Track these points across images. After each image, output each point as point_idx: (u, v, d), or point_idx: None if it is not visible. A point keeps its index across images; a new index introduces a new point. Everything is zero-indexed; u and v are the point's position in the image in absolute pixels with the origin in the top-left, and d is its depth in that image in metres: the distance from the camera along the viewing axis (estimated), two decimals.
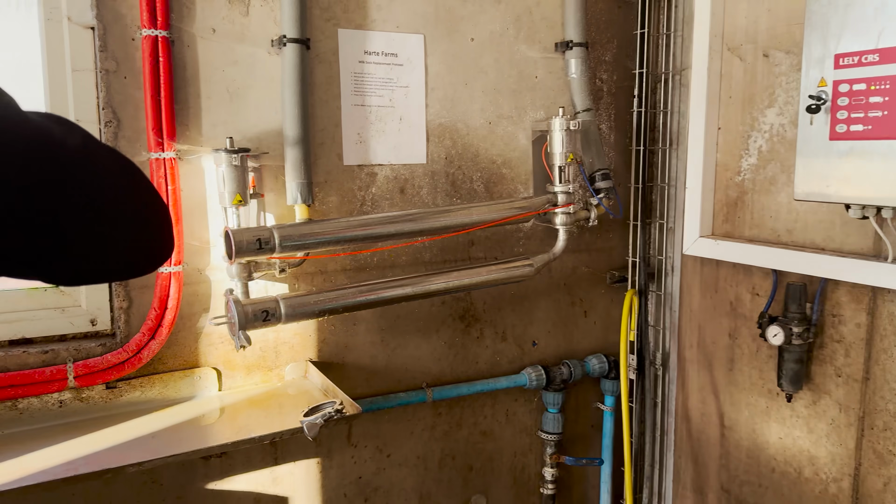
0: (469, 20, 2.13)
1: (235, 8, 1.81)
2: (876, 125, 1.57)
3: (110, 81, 1.70)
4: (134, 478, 1.83)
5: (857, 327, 1.90)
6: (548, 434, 2.41)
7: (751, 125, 2.12)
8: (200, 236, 1.83)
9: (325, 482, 2.08)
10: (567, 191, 2.13)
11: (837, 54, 1.63)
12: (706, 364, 2.36)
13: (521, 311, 2.36)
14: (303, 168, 1.87)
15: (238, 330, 1.65)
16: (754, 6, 2.09)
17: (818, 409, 2.02)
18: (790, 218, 2.04)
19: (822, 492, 2.04)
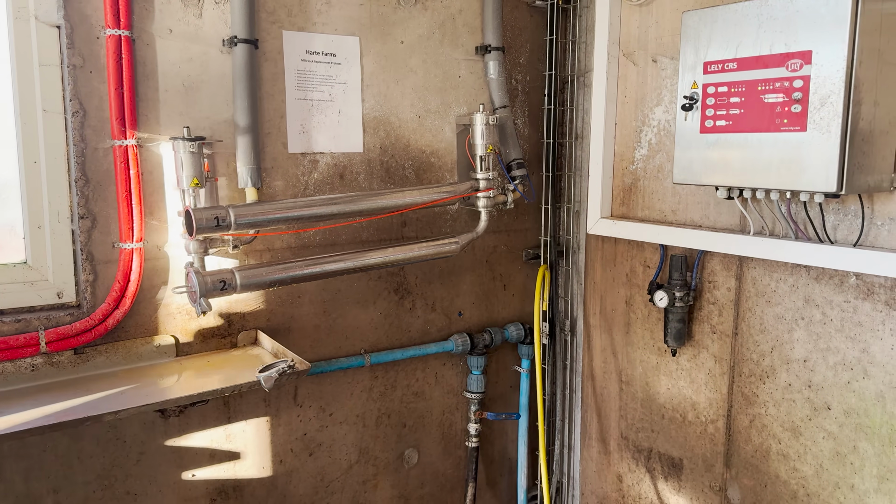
0: (399, 25, 2.39)
1: (190, 11, 2.01)
2: (735, 121, 1.92)
3: (77, 76, 1.87)
4: (100, 434, 2.01)
5: (727, 291, 2.28)
6: (472, 394, 2.70)
7: (642, 121, 2.47)
8: (159, 216, 2.03)
9: (273, 439, 2.31)
10: (488, 177, 2.42)
11: (706, 62, 1.98)
12: (607, 328, 2.72)
13: (449, 285, 2.65)
14: (252, 155, 2.09)
15: (199, 297, 1.87)
16: (645, 17, 2.44)
17: (698, 361, 2.39)
18: (674, 200, 2.40)
19: (702, 432, 2.41)
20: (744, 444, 2.27)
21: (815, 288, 2.04)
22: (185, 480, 2.17)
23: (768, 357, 2.17)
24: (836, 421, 2.02)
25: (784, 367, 2.13)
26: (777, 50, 1.79)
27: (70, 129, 1.89)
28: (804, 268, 2.05)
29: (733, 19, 1.89)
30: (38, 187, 1.93)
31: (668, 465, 2.53)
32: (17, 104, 1.90)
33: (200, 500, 2.20)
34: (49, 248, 1.95)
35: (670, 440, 2.52)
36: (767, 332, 2.17)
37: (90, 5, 1.88)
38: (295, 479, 2.38)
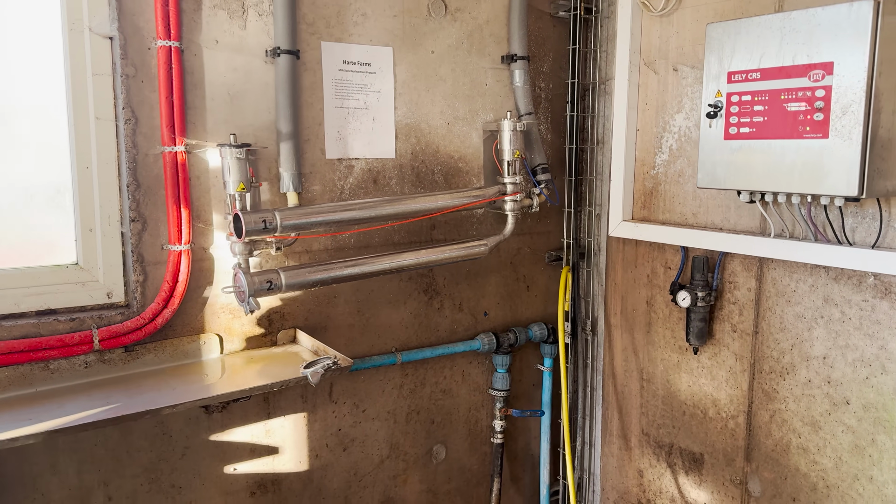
0: (430, 35, 2.48)
1: (235, 22, 2.10)
2: (758, 128, 2.01)
3: (130, 85, 1.96)
4: (148, 429, 2.10)
5: (748, 291, 2.36)
6: (497, 391, 2.79)
7: (663, 127, 2.56)
8: (205, 219, 2.11)
9: (310, 434, 2.40)
10: (515, 182, 2.51)
11: (730, 72, 2.07)
12: (628, 328, 2.80)
13: (475, 286, 2.73)
14: (294, 160, 2.18)
15: (248, 297, 1.95)
16: (665, 28, 2.53)
17: (719, 359, 2.48)
18: (695, 204, 2.48)
19: (723, 427, 2.49)
20: (764, 439, 2.35)
21: (834, 288, 2.12)
22: (227, 474, 2.25)
23: (788, 354, 2.26)
24: (854, 415, 2.10)
25: (804, 364, 2.22)
26: (799, 61, 1.88)
27: (122, 135, 1.98)
28: (823, 268, 2.14)
29: (756, 31, 1.98)
30: (89, 191, 2.01)
31: (689, 460, 2.61)
32: (70, 112, 1.99)
33: (241, 493, 2.29)
34: (100, 250, 2.03)
35: (691, 436, 2.60)
36: (787, 330, 2.25)
37: (142, 17, 1.96)
38: (330, 473, 2.46)
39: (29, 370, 1.90)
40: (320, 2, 2.24)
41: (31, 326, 1.91)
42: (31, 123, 2.00)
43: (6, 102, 1.94)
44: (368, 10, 2.33)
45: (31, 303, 1.96)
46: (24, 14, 1.95)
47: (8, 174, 1.97)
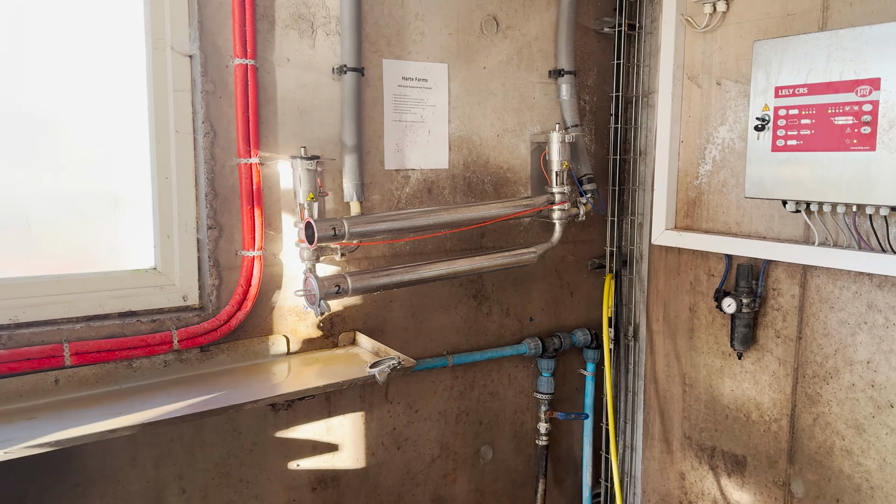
0: (483, 52, 2.60)
1: (305, 42, 2.23)
2: (806, 141, 2.10)
3: (209, 101, 2.09)
4: (219, 426, 2.21)
5: (791, 298, 2.44)
6: (542, 394, 2.88)
7: (706, 139, 2.65)
8: (276, 227, 2.23)
9: (367, 432, 2.50)
10: (563, 191, 2.61)
11: (777, 87, 2.16)
12: (671, 334, 2.88)
13: (521, 292, 2.83)
14: (357, 171, 2.30)
15: (319, 299, 2.07)
16: (709, 44, 2.62)
17: (762, 364, 2.55)
18: (739, 213, 2.57)
19: (765, 430, 2.57)
20: (807, 441, 2.43)
21: (877, 294, 2.20)
22: (291, 469, 2.36)
23: (832, 359, 2.33)
24: None
25: (847, 369, 2.29)
26: (847, 77, 1.97)
27: (201, 148, 2.10)
28: (867, 276, 2.22)
29: (803, 48, 2.08)
30: (168, 200, 2.14)
31: (732, 463, 2.69)
32: (152, 125, 2.12)
33: (303, 488, 2.39)
34: (177, 255, 2.16)
35: (734, 439, 2.67)
36: (831, 335, 2.33)
37: (221, 37, 2.09)
38: (385, 471, 2.57)
39: (114, 368, 2.03)
40: (382, 22, 2.36)
41: (115, 327, 2.03)
42: (100, 135, 2.10)
43: (80, 115, 2.07)
44: (426, 28, 2.45)
45: (114, 305, 2.08)
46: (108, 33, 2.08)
47: (77, 182, 2.08)
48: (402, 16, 2.40)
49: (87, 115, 2.04)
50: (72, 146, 2.03)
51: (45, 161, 2.00)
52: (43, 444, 1.62)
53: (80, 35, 2.01)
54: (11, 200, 1.98)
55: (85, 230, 2.12)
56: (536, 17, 2.70)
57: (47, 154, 2.00)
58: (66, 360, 1.93)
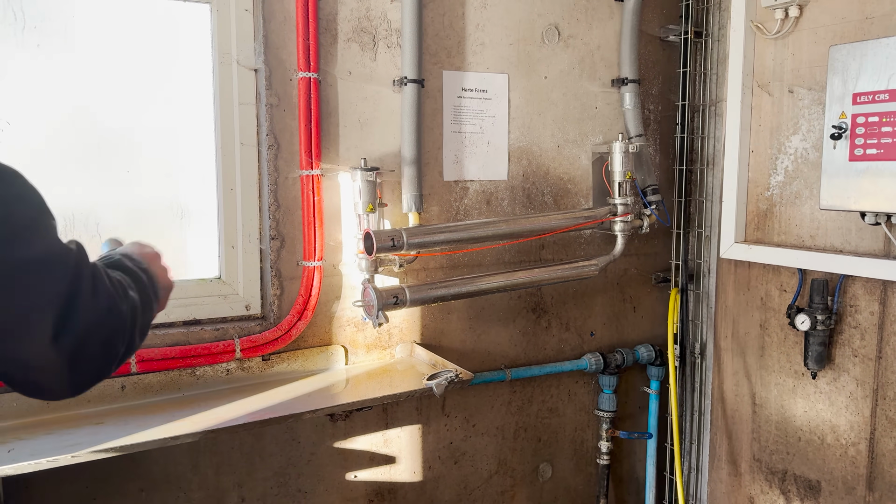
0: (543, 62, 2.57)
1: (366, 55, 2.25)
2: (887, 149, 1.99)
3: (273, 113, 2.13)
4: (279, 435, 2.23)
5: (870, 315, 2.31)
6: (603, 412, 2.80)
7: (778, 149, 2.55)
8: (335, 238, 2.25)
9: (424, 445, 2.48)
10: (626, 203, 2.55)
11: (855, 93, 2.06)
12: (739, 352, 2.77)
13: (582, 306, 2.77)
14: (416, 183, 2.30)
15: (377, 311, 2.06)
16: (780, 50, 2.53)
17: (838, 384, 2.42)
18: (813, 226, 2.45)
19: (842, 454, 2.43)
20: (888, 468, 2.28)
21: None
22: (348, 481, 2.36)
23: None
24: None
25: None
26: None
27: (265, 160, 2.14)
28: None
29: (885, 52, 1.97)
30: (233, 211, 2.18)
31: (805, 488, 2.55)
32: (218, 138, 2.17)
33: (360, 499, 2.39)
34: (241, 265, 2.20)
35: (807, 462, 2.54)
36: None
37: (285, 51, 2.13)
38: (441, 486, 2.54)
39: (178, 376, 2.07)
40: (443, 34, 2.36)
41: (180, 335, 2.08)
42: (168, 147, 2.15)
43: (150, 127, 2.13)
44: (486, 39, 2.44)
45: (180, 313, 2.13)
46: (178, 48, 2.14)
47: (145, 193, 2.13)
48: (463, 27, 2.40)
49: (157, 127, 2.10)
50: (142, 158, 2.09)
51: (117, 171, 2.07)
52: (108, 448, 1.66)
53: (152, 50, 2.07)
54: (83, 209, 2.05)
55: (152, 239, 2.17)
56: (599, 26, 2.66)
57: (119, 165, 2.07)
58: (132, 367, 1.97)
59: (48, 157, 1.98)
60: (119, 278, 1.02)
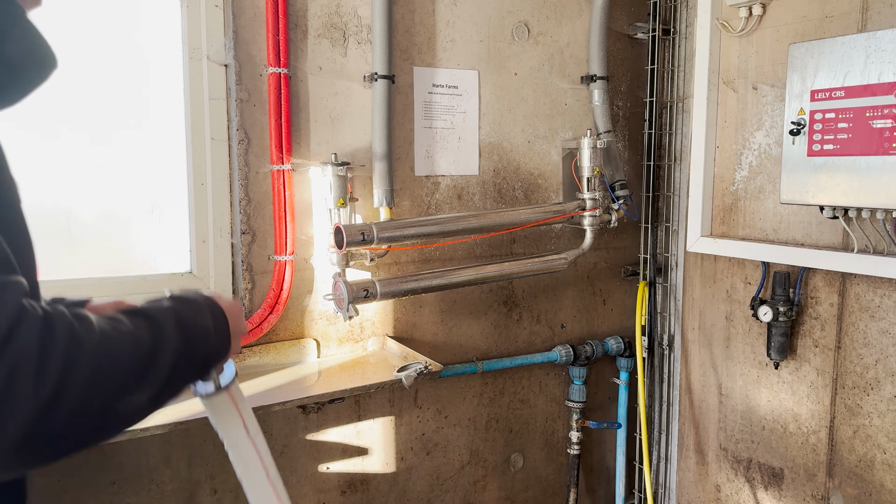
0: (513, 58, 2.60)
1: (336, 50, 2.27)
2: (842, 145, 2.05)
3: (243, 108, 2.14)
4: None
5: (830, 306, 2.38)
6: (574, 403, 2.85)
7: (743, 145, 2.61)
8: (307, 232, 2.27)
9: (396, 437, 2.51)
10: (594, 197, 2.60)
11: (813, 90, 2.12)
12: (706, 343, 2.83)
13: (553, 299, 2.82)
14: (387, 178, 2.32)
15: (348, 303, 2.09)
16: (745, 48, 2.58)
17: (800, 374, 2.49)
18: (776, 220, 2.51)
19: (803, 442, 2.50)
20: (847, 454, 2.35)
21: None
22: (321, 472, 2.38)
23: (872, 370, 2.26)
24: None
25: (889, 380, 2.21)
26: (886, 79, 1.92)
27: (235, 155, 2.15)
28: None
29: (840, 51, 2.03)
30: (204, 206, 2.19)
31: (769, 475, 2.62)
32: (188, 133, 2.18)
33: (332, 491, 2.41)
34: (212, 259, 2.21)
35: (771, 451, 2.61)
36: (871, 345, 2.26)
37: (255, 46, 2.14)
38: (414, 476, 2.57)
39: None
40: (413, 30, 2.39)
41: None
42: (137, 142, 2.16)
43: (119, 122, 2.14)
44: (457, 36, 2.47)
45: None
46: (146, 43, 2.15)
47: (116, 189, 2.14)
48: (433, 24, 2.42)
49: (127, 122, 2.11)
50: (112, 152, 2.10)
51: (86, 167, 2.07)
52: None
53: (121, 45, 2.08)
54: (55, 207, 2.05)
55: (123, 235, 2.19)
56: (568, 23, 2.70)
57: (88, 160, 2.07)
58: None
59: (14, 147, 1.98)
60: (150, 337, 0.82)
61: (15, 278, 0.73)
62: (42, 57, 0.90)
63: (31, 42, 0.88)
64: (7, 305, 0.70)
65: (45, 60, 0.91)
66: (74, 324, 0.75)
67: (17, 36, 0.85)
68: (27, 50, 0.87)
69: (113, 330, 0.79)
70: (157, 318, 0.87)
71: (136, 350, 0.80)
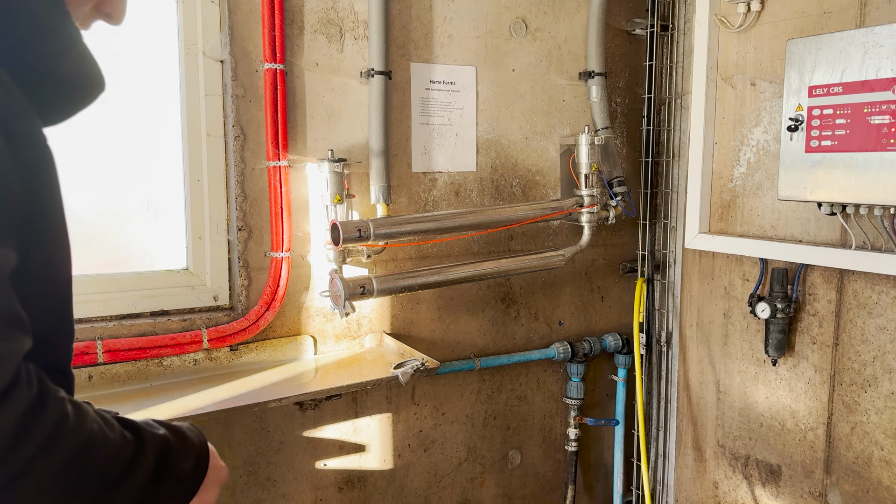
0: (511, 54, 2.59)
1: (333, 46, 2.26)
2: (840, 141, 2.04)
3: (239, 104, 2.13)
4: (248, 424, 2.25)
5: (828, 303, 2.37)
6: (571, 399, 2.85)
7: (741, 141, 2.60)
8: (303, 229, 2.26)
9: (394, 434, 2.51)
10: (592, 194, 2.59)
11: (811, 86, 2.11)
12: (704, 340, 2.83)
13: (550, 296, 2.81)
14: (384, 174, 2.32)
15: (344, 300, 2.09)
16: (743, 44, 2.57)
17: (798, 371, 2.48)
18: (774, 216, 2.51)
19: (801, 439, 2.50)
20: (845, 451, 2.35)
21: None
22: (318, 469, 2.38)
23: (870, 366, 2.26)
24: None
25: (887, 377, 2.21)
26: (883, 75, 1.91)
27: (231, 151, 2.15)
28: None
29: (838, 46, 2.02)
30: (200, 202, 2.18)
31: (767, 472, 2.62)
32: (184, 129, 2.17)
33: (330, 487, 2.41)
34: (208, 256, 2.20)
35: (768, 447, 2.61)
36: (869, 342, 2.25)
37: (251, 42, 2.14)
38: (411, 473, 2.57)
39: (145, 366, 2.08)
40: (410, 26, 2.38)
41: (147, 326, 2.09)
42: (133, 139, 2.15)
43: (115, 118, 2.13)
44: (454, 32, 2.46)
45: (147, 304, 2.14)
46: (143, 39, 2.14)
47: (112, 185, 2.13)
48: (430, 19, 2.42)
49: (123, 118, 2.10)
50: (106, 150, 2.09)
51: (81, 164, 2.06)
52: None
53: (119, 39, 2.07)
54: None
55: (119, 232, 2.18)
56: (566, 19, 2.69)
57: (83, 157, 2.06)
58: (99, 358, 1.98)
59: None
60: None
61: (16, 342, 0.71)
62: (93, 80, 0.94)
63: (85, 65, 0.91)
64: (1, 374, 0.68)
65: (96, 84, 0.94)
66: (69, 412, 0.73)
67: (73, 57, 0.89)
68: (79, 72, 0.90)
69: (101, 433, 0.77)
70: (146, 441, 0.84)
71: (111, 463, 0.78)
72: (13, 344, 0.71)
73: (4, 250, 0.73)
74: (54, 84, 0.89)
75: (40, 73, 0.86)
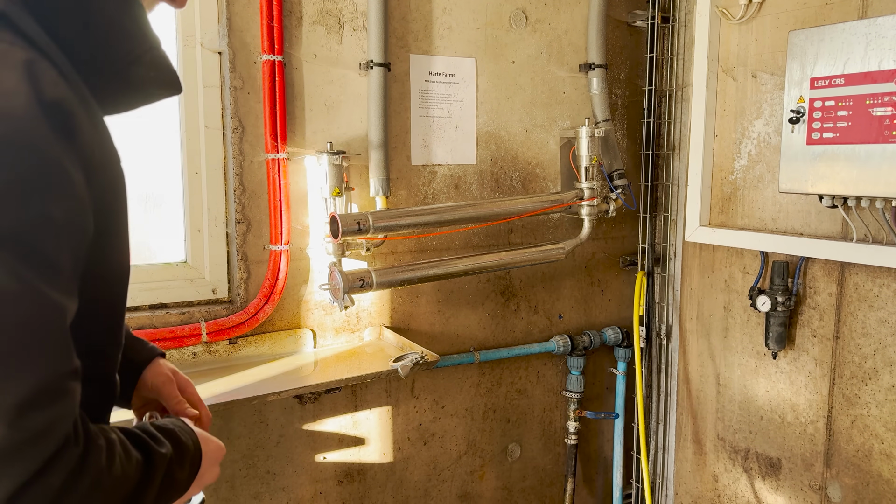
0: (511, 46, 2.58)
1: (332, 38, 2.24)
2: (842, 133, 2.03)
3: (237, 96, 2.12)
4: (247, 417, 2.24)
5: (829, 296, 2.37)
6: (571, 393, 2.85)
7: (742, 133, 2.59)
8: (302, 221, 2.25)
9: (393, 427, 2.51)
10: (592, 187, 2.58)
11: (812, 78, 2.10)
12: (704, 333, 2.82)
13: (550, 289, 2.80)
14: (383, 167, 2.30)
15: (343, 293, 2.08)
16: (744, 35, 2.56)
17: (798, 364, 2.48)
18: (775, 209, 2.50)
19: (801, 432, 2.49)
20: (845, 444, 2.35)
21: None
22: (317, 462, 2.38)
23: (871, 359, 2.25)
24: None
25: (887, 370, 2.21)
26: (886, 66, 1.90)
27: (230, 143, 2.13)
28: None
29: (840, 38, 2.01)
30: (198, 195, 2.17)
31: (766, 465, 2.62)
32: (182, 121, 2.16)
33: (329, 481, 2.41)
34: (207, 249, 2.20)
35: (768, 440, 2.60)
36: (870, 335, 2.25)
37: (249, 34, 2.12)
38: (411, 466, 2.57)
39: None
40: (409, 17, 2.36)
41: (146, 319, 2.08)
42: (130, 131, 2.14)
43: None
44: (454, 23, 2.45)
45: (145, 297, 2.13)
46: None
47: None
48: (430, 11, 2.40)
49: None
50: None
51: None
52: None
53: None
54: None
55: None
56: (566, 11, 2.67)
57: None
58: None
59: None
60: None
61: (68, 401, 0.72)
62: (165, 84, 0.95)
63: (158, 70, 0.93)
64: (55, 434, 0.70)
65: (167, 87, 0.96)
66: (104, 463, 0.76)
67: (147, 63, 0.90)
68: (151, 77, 0.92)
69: (122, 470, 0.80)
70: (155, 466, 0.87)
71: (128, 496, 0.81)
72: (68, 405, 0.72)
73: (67, 301, 0.73)
74: (125, 86, 0.91)
75: (111, 75, 0.88)
